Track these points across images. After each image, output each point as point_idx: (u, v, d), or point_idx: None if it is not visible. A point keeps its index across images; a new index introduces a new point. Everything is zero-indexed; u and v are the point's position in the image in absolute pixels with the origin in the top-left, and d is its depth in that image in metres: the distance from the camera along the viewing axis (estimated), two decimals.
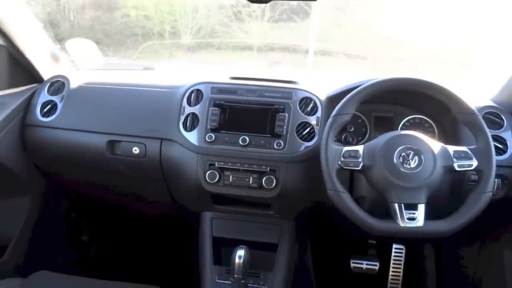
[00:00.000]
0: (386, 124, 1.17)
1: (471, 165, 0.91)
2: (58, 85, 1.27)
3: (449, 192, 1.05)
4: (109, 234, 1.73)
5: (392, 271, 1.54)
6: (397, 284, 1.54)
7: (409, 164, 0.91)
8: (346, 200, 0.91)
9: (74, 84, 1.27)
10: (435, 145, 0.94)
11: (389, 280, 1.54)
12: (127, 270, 1.63)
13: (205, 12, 2.92)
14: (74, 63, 1.45)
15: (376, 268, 1.47)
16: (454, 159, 0.91)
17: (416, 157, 0.91)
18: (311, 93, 1.13)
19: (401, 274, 1.54)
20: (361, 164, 0.92)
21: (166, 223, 1.61)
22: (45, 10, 2.06)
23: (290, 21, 2.69)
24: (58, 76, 1.29)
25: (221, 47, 2.65)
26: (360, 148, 0.95)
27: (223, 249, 1.18)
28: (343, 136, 1.17)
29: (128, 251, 1.71)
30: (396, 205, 0.89)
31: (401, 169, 0.90)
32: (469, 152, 0.92)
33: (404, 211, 0.89)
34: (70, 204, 1.54)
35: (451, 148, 0.93)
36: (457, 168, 0.91)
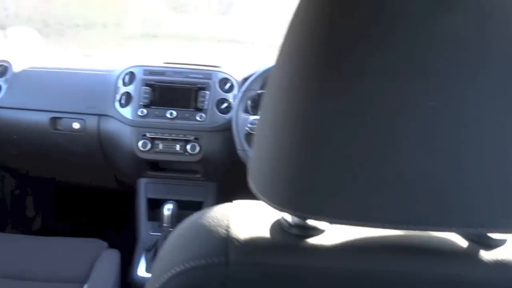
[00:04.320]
0: None
1: None
2: (2, 69, 1.40)
3: None
4: (55, 208, 1.85)
5: None
6: None
7: None
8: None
9: (17, 68, 1.40)
10: None
11: None
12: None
13: (151, 3, 3.00)
14: (15, 50, 1.56)
15: None
16: None
17: None
18: (229, 75, 1.35)
19: None
20: None
21: (108, 193, 1.77)
22: None
23: (238, 14, 2.83)
24: (1, 61, 1.42)
25: (167, 38, 2.77)
26: None
27: (156, 208, 1.37)
28: (252, 108, 1.40)
29: (73, 222, 1.85)
30: None
31: None
32: None
33: None
34: (15, 181, 1.65)
35: None
36: None
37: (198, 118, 1.29)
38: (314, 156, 0.34)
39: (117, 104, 1.31)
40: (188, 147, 1.28)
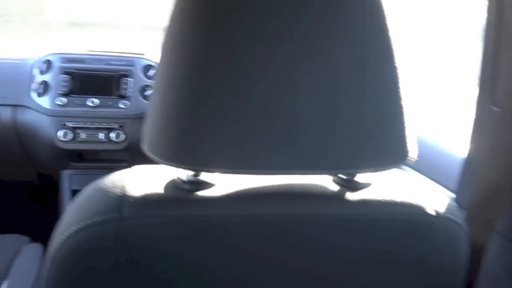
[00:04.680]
0: None
1: None
2: None
3: None
4: None
5: None
6: None
7: None
8: None
9: None
10: None
11: None
12: None
13: None
14: None
15: None
16: None
17: None
18: (152, 61, 1.35)
19: None
20: None
21: (30, 187, 1.68)
22: None
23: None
24: None
25: (94, 27, 2.66)
26: None
27: None
28: None
29: None
30: None
31: None
32: None
33: None
34: None
35: None
36: None
37: (122, 105, 1.27)
38: (197, 113, 0.38)
39: (33, 94, 1.25)
40: (113, 135, 1.26)
